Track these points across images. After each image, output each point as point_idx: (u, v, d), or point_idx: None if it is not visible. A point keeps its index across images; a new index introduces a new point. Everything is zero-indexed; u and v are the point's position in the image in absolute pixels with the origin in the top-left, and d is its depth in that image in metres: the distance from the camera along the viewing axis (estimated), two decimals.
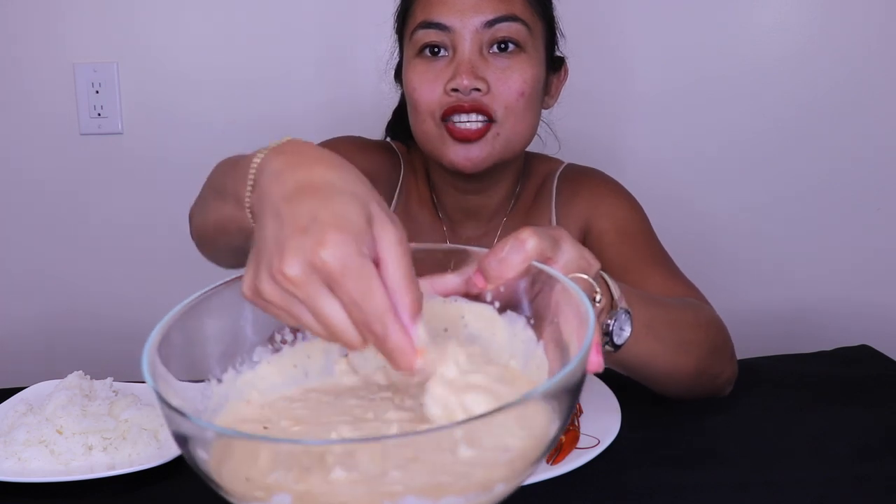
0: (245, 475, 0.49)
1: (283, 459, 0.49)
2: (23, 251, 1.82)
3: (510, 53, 1.05)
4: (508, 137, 1.06)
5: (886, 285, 1.84)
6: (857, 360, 1.13)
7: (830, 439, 0.90)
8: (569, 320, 0.58)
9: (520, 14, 1.05)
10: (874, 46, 1.75)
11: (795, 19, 1.75)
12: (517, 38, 1.05)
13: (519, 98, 1.05)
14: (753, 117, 1.78)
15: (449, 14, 1.04)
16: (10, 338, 1.85)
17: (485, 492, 0.49)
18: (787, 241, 1.83)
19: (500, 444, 0.49)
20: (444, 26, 1.04)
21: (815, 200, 1.81)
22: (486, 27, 1.04)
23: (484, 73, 1.04)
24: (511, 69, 1.05)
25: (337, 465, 0.47)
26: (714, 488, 0.81)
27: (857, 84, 1.76)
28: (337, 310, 0.54)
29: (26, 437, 0.86)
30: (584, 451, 0.84)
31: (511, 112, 1.05)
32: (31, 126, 1.77)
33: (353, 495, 0.47)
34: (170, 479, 0.84)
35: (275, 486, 0.48)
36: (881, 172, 1.80)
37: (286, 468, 0.48)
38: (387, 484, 0.47)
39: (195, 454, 0.50)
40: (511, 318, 0.62)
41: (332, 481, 0.47)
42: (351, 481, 0.47)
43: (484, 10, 1.04)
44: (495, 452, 0.49)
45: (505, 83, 1.04)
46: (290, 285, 0.54)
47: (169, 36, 1.75)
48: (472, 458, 0.48)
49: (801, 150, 1.79)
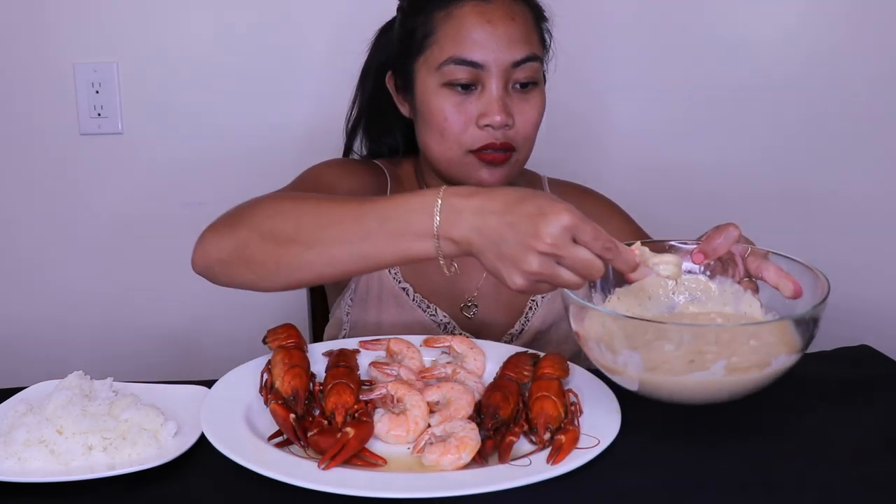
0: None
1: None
2: (23, 251, 1.83)
3: (529, 89, 1.16)
4: (520, 160, 1.20)
5: (886, 285, 1.84)
6: (857, 360, 1.13)
7: (830, 439, 0.91)
8: (771, 276, 0.94)
9: (537, 52, 1.17)
10: (870, 43, 1.75)
11: (795, 19, 1.75)
12: (536, 76, 1.16)
13: (534, 129, 1.18)
14: (753, 117, 1.78)
15: (483, 53, 1.13)
16: (10, 338, 1.85)
17: (759, 369, 0.84)
18: (787, 241, 1.82)
19: (769, 341, 0.84)
20: (477, 64, 1.13)
21: (814, 200, 1.81)
22: (513, 67, 1.14)
23: (510, 108, 1.14)
24: (529, 104, 1.16)
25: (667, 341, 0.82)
26: (714, 488, 0.81)
27: (856, 84, 1.76)
28: (585, 251, 0.80)
29: (26, 437, 0.86)
30: (584, 451, 0.84)
31: (527, 140, 1.18)
32: (31, 126, 1.77)
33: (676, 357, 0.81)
34: (170, 479, 0.84)
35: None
36: (881, 172, 1.80)
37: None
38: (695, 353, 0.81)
39: None
40: (720, 281, 0.98)
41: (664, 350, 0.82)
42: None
43: (513, 51, 1.13)
44: (766, 346, 0.83)
45: (525, 117, 1.16)
46: (551, 248, 0.79)
47: (169, 36, 1.75)
48: (756, 347, 0.83)
49: (800, 151, 1.79)
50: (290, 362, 0.95)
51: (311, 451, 0.85)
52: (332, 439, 0.84)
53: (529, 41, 1.15)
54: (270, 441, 0.87)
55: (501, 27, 1.13)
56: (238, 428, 0.88)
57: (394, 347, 1.05)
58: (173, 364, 1.82)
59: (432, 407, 0.93)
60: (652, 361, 0.83)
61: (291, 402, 0.90)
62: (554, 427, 0.88)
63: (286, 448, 0.86)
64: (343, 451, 0.82)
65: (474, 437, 0.85)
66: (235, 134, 1.77)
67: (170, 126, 1.78)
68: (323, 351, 1.04)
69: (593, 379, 0.99)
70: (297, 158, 1.72)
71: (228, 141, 1.78)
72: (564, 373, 0.99)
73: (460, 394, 0.94)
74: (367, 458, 0.84)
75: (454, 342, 1.06)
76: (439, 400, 0.94)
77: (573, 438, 0.86)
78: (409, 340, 1.06)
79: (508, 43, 1.13)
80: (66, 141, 1.77)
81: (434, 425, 0.89)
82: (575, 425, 0.89)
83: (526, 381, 0.98)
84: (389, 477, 0.82)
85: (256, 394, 0.96)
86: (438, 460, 0.83)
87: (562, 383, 0.96)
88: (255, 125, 1.78)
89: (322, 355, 1.04)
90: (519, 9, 1.16)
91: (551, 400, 0.91)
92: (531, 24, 1.17)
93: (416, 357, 1.04)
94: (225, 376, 0.99)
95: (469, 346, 1.05)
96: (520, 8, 1.16)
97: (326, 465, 0.81)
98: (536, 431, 0.87)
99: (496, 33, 1.13)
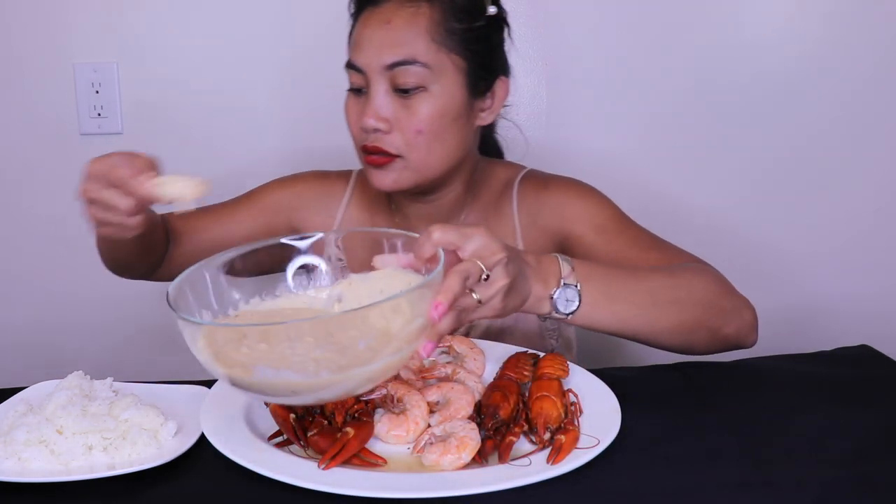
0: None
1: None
2: (23, 251, 1.83)
3: (411, 94, 1.15)
4: (417, 166, 1.18)
5: (886, 285, 1.84)
6: (857, 360, 1.13)
7: (830, 439, 0.90)
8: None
9: (420, 57, 1.14)
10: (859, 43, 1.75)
11: (792, 17, 1.75)
12: (416, 81, 1.14)
13: (417, 135, 1.15)
14: (752, 118, 1.78)
15: (361, 57, 1.16)
16: (10, 338, 1.85)
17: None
18: (787, 241, 1.83)
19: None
20: (358, 68, 1.16)
21: (814, 200, 1.81)
22: (388, 69, 1.14)
23: (388, 112, 1.15)
24: (410, 110, 1.15)
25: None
26: (714, 488, 0.81)
27: (855, 84, 1.76)
28: None
29: (26, 437, 0.86)
30: (584, 451, 0.84)
31: (413, 147, 1.16)
32: (31, 126, 1.77)
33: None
34: (170, 479, 0.84)
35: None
36: (881, 172, 1.80)
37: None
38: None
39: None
40: None
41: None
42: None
43: (384, 54, 1.14)
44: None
45: (405, 122, 1.15)
46: None
47: (169, 36, 1.75)
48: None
49: (800, 151, 1.79)
50: None
51: (311, 451, 0.85)
52: (331, 439, 0.84)
53: (410, 44, 1.13)
54: (270, 441, 0.87)
55: (378, 31, 1.15)
56: (238, 428, 0.88)
57: None
58: (173, 364, 1.82)
59: (432, 407, 0.93)
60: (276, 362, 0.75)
61: None
62: (554, 427, 0.88)
63: (286, 448, 0.86)
64: (343, 451, 0.82)
65: (474, 437, 0.85)
66: (235, 134, 1.77)
67: (170, 126, 1.78)
68: None
69: (593, 379, 0.99)
70: (296, 158, 1.73)
71: (228, 141, 1.78)
72: (564, 373, 0.99)
73: (460, 394, 0.94)
74: (367, 458, 0.84)
75: (454, 342, 1.06)
76: (439, 400, 0.94)
77: (573, 438, 0.86)
78: None
79: (380, 46, 1.14)
80: (66, 141, 1.77)
81: (434, 425, 0.89)
82: (575, 425, 0.89)
83: (526, 381, 0.98)
84: (389, 477, 0.82)
85: None
86: (438, 460, 0.83)
87: (562, 383, 0.96)
88: (256, 125, 1.78)
89: None
90: (406, 12, 1.15)
91: (551, 400, 0.91)
92: (421, 28, 1.14)
93: (416, 357, 1.04)
94: None
95: (469, 346, 1.05)
96: (408, 12, 1.15)
97: (326, 465, 0.81)
98: (536, 431, 0.88)
99: (372, 37, 1.15)
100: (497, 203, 1.29)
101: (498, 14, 1.22)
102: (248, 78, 1.77)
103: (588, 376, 1.00)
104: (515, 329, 1.26)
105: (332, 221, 1.34)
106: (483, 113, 1.22)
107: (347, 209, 1.35)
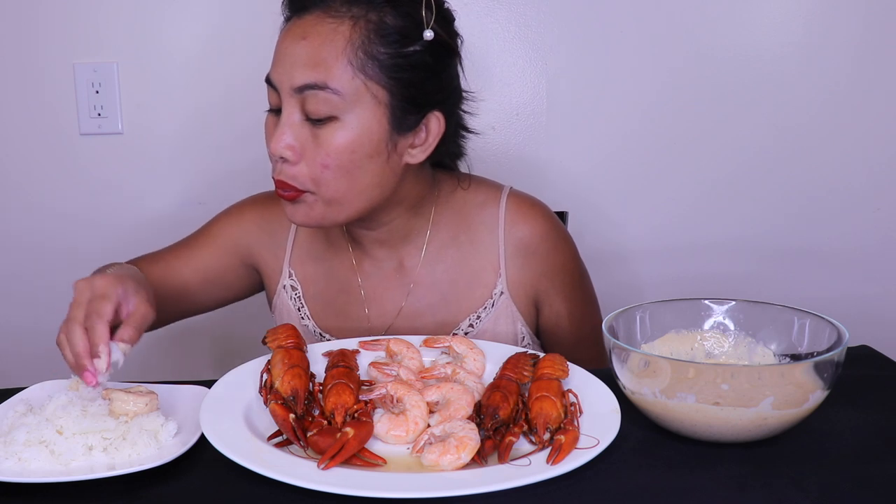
0: None
1: None
2: (23, 251, 1.82)
3: (322, 124, 1.02)
4: (329, 202, 1.06)
5: (886, 285, 1.84)
6: (857, 360, 1.13)
7: (830, 439, 0.90)
8: None
9: (332, 82, 1.01)
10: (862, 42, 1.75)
11: (787, 15, 1.75)
12: (327, 109, 1.01)
13: (324, 170, 1.03)
14: (751, 117, 1.78)
15: (274, 73, 1.04)
16: (11, 338, 1.85)
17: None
18: (787, 241, 1.83)
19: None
20: (272, 83, 1.05)
21: (814, 200, 1.81)
22: (298, 92, 1.02)
23: (296, 141, 1.03)
24: (318, 139, 1.03)
25: None
26: (714, 489, 0.81)
27: (855, 84, 1.76)
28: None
29: (26, 437, 0.86)
30: (584, 451, 0.84)
31: (320, 182, 1.04)
32: (31, 126, 1.77)
33: None
34: (170, 479, 0.84)
35: None
36: (880, 172, 1.80)
37: None
38: None
39: None
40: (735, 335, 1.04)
41: None
42: None
43: (295, 74, 1.01)
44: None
45: (311, 154, 1.03)
46: None
47: (169, 36, 1.75)
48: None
49: (800, 151, 1.79)
50: (289, 362, 0.95)
51: (311, 451, 0.85)
52: (331, 439, 0.84)
53: (322, 66, 1.00)
54: (270, 441, 0.87)
55: (292, 46, 1.02)
56: (238, 428, 0.88)
57: (393, 348, 1.05)
58: (173, 364, 1.82)
59: (432, 407, 0.93)
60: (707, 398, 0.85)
61: (291, 402, 0.90)
62: (554, 427, 0.88)
63: (286, 448, 0.86)
64: (343, 451, 0.82)
65: (474, 437, 0.85)
66: (235, 134, 1.77)
67: (170, 126, 1.78)
68: (323, 351, 1.05)
69: (593, 379, 0.99)
70: None
71: (228, 141, 1.78)
72: (564, 373, 0.99)
73: (460, 394, 0.94)
74: (366, 458, 0.84)
75: (454, 342, 1.06)
76: (439, 400, 0.94)
77: (573, 438, 0.86)
78: (409, 341, 1.07)
79: (293, 65, 1.01)
80: (66, 141, 1.77)
81: (434, 425, 0.89)
82: (575, 425, 0.89)
83: (526, 381, 0.98)
84: (389, 477, 0.82)
85: (256, 394, 0.96)
86: (438, 460, 0.83)
87: (561, 383, 0.96)
88: (256, 125, 1.77)
89: (322, 355, 1.04)
90: (325, 28, 1.01)
91: (551, 400, 0.91)
92: (337, 48, 1.01)
93: (416, 357, 1.04)
94: (225, 376, 0.99)
95: (469, 347, 1.05)
96: (327, 28, 1.01)
97: (326, 465, 0.81)
98: (536, 431, 0.87)
99: (286, 52, 1.03)
100: (481, 223, 1.21)
101: (438, 39, 1.04)
102: (248, 78, 1.76)
103: (588, 376, 1.00)
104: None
105: (283, 252, 1.26)
106: (413, 150, 1.08)
107: (297, 237, 1.27)
